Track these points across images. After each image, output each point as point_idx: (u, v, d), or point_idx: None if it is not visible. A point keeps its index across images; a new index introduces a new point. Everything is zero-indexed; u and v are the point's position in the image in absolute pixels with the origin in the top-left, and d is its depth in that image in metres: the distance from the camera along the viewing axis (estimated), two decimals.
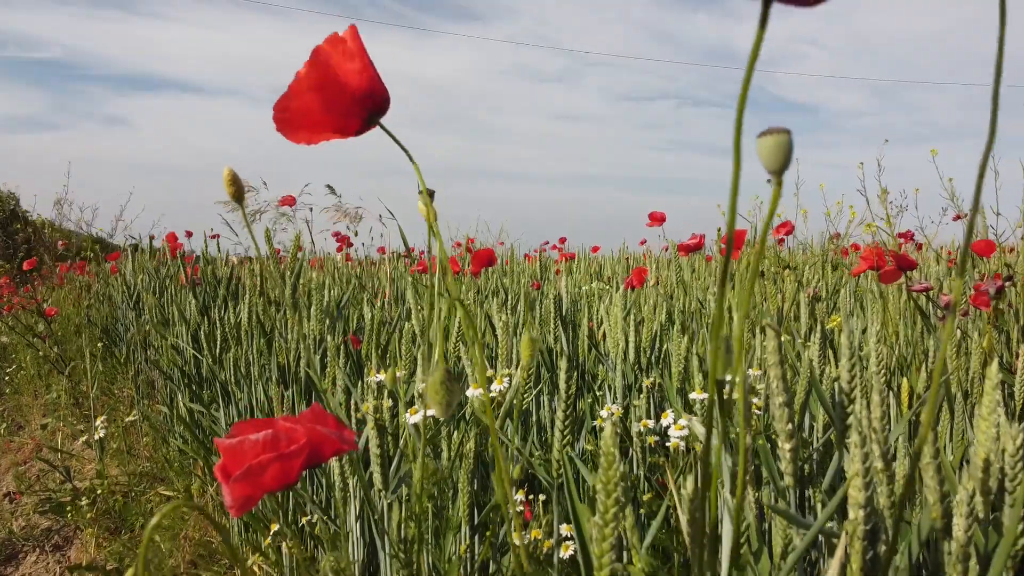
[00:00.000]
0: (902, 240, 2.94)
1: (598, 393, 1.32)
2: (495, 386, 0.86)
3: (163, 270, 3.20)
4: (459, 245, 5.43)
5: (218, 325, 1.87)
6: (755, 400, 1.08)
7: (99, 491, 2.31)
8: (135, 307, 3.35)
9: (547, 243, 5.18)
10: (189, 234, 4.00)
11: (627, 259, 3.17)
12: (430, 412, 0.90)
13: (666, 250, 5.07)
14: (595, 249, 4.60)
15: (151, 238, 3.85)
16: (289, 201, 2.29)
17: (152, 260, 3.59)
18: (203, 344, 2.24)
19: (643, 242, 3.21)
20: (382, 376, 0.95)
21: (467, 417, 1.08)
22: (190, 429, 1.88)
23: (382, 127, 0.52)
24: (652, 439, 0.98)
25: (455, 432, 0.98)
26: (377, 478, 0.86)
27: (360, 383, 1.21)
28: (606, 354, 1.48)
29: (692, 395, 1.05)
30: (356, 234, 2.12)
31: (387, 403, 0.80)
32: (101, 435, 1.86)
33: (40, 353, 3.74)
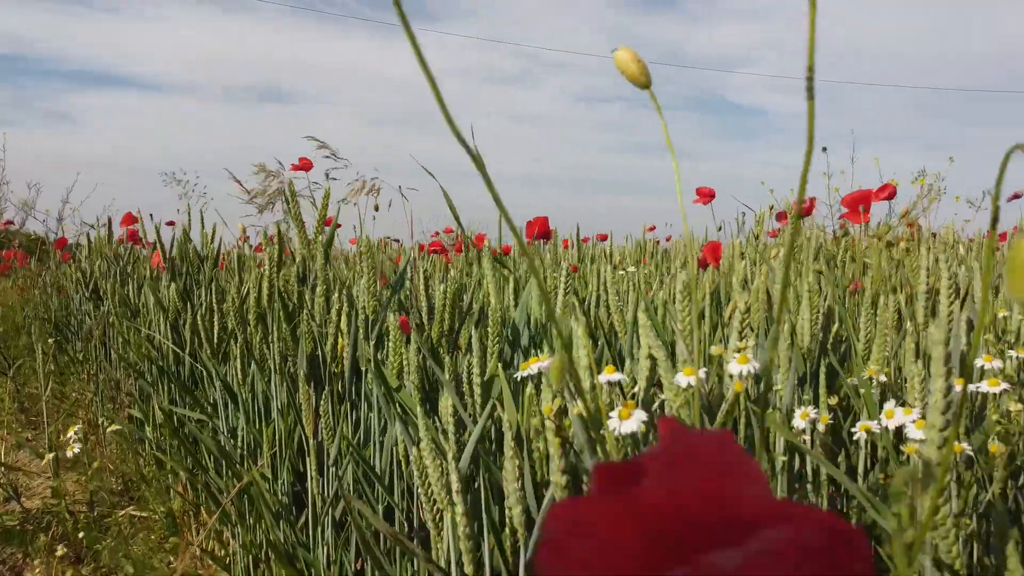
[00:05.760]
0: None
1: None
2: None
3: (125, 254, 2.78)
4: (437, 234, 5.14)
5: (216, 310, 1.50)
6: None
7: (55, 511, 1.93)
8: (92, 298, 2.91)
9: (531, 243, 4.92)
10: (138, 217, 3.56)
11: (653, 244, 2.90)
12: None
13: (669, 239, 4.81)
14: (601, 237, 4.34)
15: (106, 223, 3.41)
16: (306, 165, 1.92)
17: (109, 246, 3.16)
18: (184, 336, 1.86)
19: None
20: (544, 361, 0.62)
21: None
22: (177, 434, 1.51)
23: None
24: (887, 441, 0.67)
25: None
26: None
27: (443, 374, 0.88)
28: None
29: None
30: (377, 209, 1.76)
31: (605, 399, 0.48)
32: (76, 450, 1.48)
33: None
